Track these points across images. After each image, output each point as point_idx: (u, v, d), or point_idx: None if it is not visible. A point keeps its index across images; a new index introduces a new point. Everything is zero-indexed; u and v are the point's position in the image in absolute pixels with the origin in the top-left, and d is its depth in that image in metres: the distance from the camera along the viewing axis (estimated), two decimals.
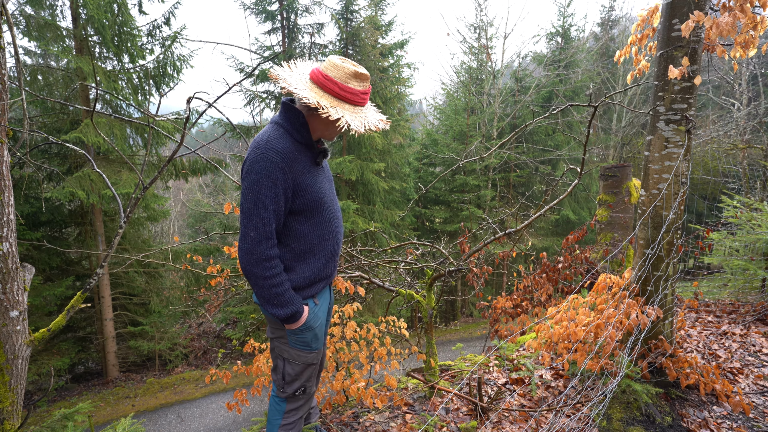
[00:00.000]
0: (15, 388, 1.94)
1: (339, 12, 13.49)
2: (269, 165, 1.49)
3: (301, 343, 1.72)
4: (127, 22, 9.31)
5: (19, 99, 2.15)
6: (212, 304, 5.02)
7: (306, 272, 1.67)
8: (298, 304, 1.62)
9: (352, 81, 1.54)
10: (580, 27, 18.12)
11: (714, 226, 5.03)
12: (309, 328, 1.70)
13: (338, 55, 1.58)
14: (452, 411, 2.62)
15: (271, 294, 1.56)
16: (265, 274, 1.54)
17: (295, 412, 1.86)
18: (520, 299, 4.28)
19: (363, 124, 1.52)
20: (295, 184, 1.57)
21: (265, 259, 1.53)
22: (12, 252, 1.94)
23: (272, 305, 1.57)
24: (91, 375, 11.66)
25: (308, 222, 1.65)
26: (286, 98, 1.65)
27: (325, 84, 1.53)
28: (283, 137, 1.56)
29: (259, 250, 1.52)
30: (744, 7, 2.10)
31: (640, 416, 2.35)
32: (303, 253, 1.67)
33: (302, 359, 1.74)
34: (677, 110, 2.36)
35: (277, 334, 1.75)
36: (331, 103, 1.51)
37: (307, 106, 1.58)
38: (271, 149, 1.51)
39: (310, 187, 1.61)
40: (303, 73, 1.62)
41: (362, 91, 1.57)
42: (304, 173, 1.60)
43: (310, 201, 1.62)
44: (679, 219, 2.46)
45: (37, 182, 9.19)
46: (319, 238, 1.69)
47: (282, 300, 1.57)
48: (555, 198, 11.74)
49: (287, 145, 1.55)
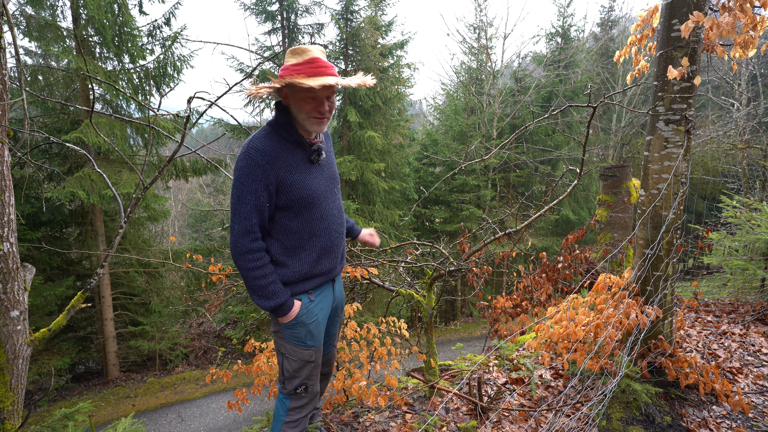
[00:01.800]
0: (16, 388, 1.95)
1: (339, 12, 13.50)
2: (250, 162, 1.56)
3: (295, 338, 1.75)
4: (127, 23, 9.32)
5: (19, 99, 2.16)
6: (212, 303, 5.02)
7: (296, 267, 1.71)
8: (284, 297, 1.66)
9: (292, 58, 1.59)
10: (579, 27, 18.13)
11: (713, 226, 5.03)
12: (301, 323, 1.73)
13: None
14: (452, 411, 2.62)
15: (255, 285, 1.62)
16: (248, 266, 1.61)
17: (299, 410, 1.87)
18: (520, 299, 4.28)
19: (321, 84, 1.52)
20: (278, 181, 1.61)
21: (246, 251, 1.60)
22: (13, 252, 1.94)
23: (257, 296, 1.64)
24: (91, 375, 11.66)
25: (297, 218, 1.69)
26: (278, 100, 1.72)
27: (286, 71, 1.59)
28: (267, 136, 1.62)
29: (241, 242, 1.60)
30: (744, 7, 2.11)
31: (640, 416, 2.35)
32: (293, 248, 1.71)
33: (298, 355, 1.77)
34: (677, 110, 2.36)
35: (275, 328, 1.80)
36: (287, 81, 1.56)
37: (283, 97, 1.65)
38: (253, 147, 1.58)
39: (298, 184, 1.65)
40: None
41: (307, 61, 1.56)
42: (291, 170, 1.63)
43: (297, 198, 1.65)
44: (679, 219, 2.47)
45: (37, 182, 9.20)
46: (309, 234, 1.72)
47: (266, 291, 1.63)
48: (555, 198, 11.74)
49: (269, 143, 1.61)
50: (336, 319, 2.01)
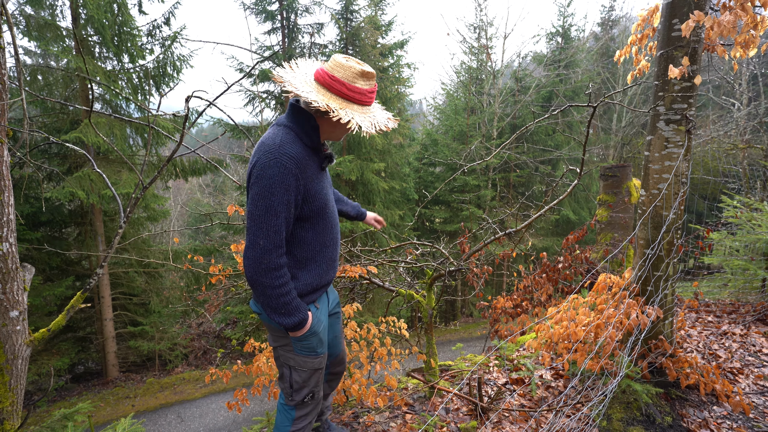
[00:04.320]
0: (15, 388, 1.94)
1: (339, 12, 13.50)
2: (283, 171, 1.43)
3: (307, 349, 1.68)
4: (127, 22, 9.31)
5: (19, 99, 2.15)
6: (212, 304, 5.02)
7: (307, 279, 1.65)
8: (305, 312, 1.58)
9: (359, 80, 1.50)
10: (580, 27, 18.14)
11: (714, 226, 5.03)
12: (314, 333, 1.67)
13: (342, 54, 1.56)
14: (452, 411, 2.62)
15: (279, 303, 1.51)
16: (274, 284, 1.48)
17: (304, 419, 1.82)
18: (520, 299, 4.27)
19: (373, 125, 1.48)
20: (306, 191, 1.52)
21: (274, 268, 1.48)
22: (12, 252, 1.94)
23: (279, 314, 1.53)
24: (90, 375, 11.66)
25: (312, 229, 1.62)
26: (293, 99, 1.58)
27: (332, 85, 1.49)
28: (294, 142, 1.51)
29: (268, 259, 1.46)
30: (745, 5, 2.10)
31: (641, 416, 2.35)
32: (305, 260, 1.64)
33: (309, 365, 1.71)
34: (677, 110, 2.35)
35: (280, 342, 1.70)
36: (340, 104, 1.47)
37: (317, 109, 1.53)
38: (285, 154, 1.45)
39: (318, 193, 1.58)
40: (306, 73, 1.57)
41: (369, 90, 1.53)
42: (313, 179, 1.56)
43: (317, 208, 1.58)
44: (679, 219, 2.46)
45: (37, 182, 9.20)
46: (321, 245, 1.66)
47: (290, 309, 1.53)
48: (555, 198, 11.74)
49: (299, 149, 1.50)
50: (336, 317, 1.98)
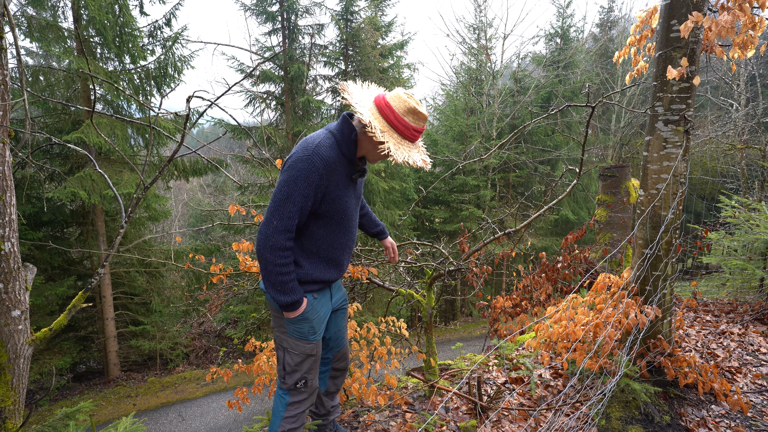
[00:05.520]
0: (17, 387, 1.96)
1: (339, 13, 13.51)
2: (310, 167, 1.60)
3: (298, 333, 1.83)
4: (128, 23, 9.32)
5: (21, 100, 2.17)
6: (213, 303, 5.04)
7: (309, 270, 1.79)
8: (299, 295, 1.73)
9: (409, 116, 1.65)
10: (579, 28, 18.12)
11: (712, 226, 5.05)
12: (306, 319, 1.81)
13: (406, 90, 1.69)
14: (452, 410, 2.63)
15: (277, 281, 1.67)
16: (277, 261, 1.65)
17: (298, 405, 1.91)
18: (520, 299, 4.29)
19: (404, 157, 1.61)
20: (326, 192, 1.68)
21: (280, 248, 1.64)
22: (14, 252, 1.95)
23: (276, 291, 1.69)
24: (92, 374, 11.68)
25: (324, 227, 1.77)
26: (347, 112, 1.76)
27: (383, 109, 1.65)
28: (332, 147, 1.67)
29: (276, 238, 1.63)
30: (743, 6, 2.11)
31: (639, 415, 2.36)
32: (311, 252, 1.79)
33: (300, 348, 1.84)
34: (676, 111, 2.37)
35: (278, 323, 1.87)
36: (383, 128, 1.63)
37: (361, 122, 1.69)
38: (318, 154, 1.62)
39: (339, 199, 1.73)
40: (371, 94, 1.76)
41: (415, 128, 1.67)
42: (338, 185, 1.71)
43: (333, 211, 1.74)
44: (678, 219, 2.48)
45: (38, 182, 9.21)
46: (329, 245, 1.81)
47: (286, 288, 1.69)
48: (554, 198, 11.75)
49: (333, 155, 1.66)
50: (342, 313, 2.09)
